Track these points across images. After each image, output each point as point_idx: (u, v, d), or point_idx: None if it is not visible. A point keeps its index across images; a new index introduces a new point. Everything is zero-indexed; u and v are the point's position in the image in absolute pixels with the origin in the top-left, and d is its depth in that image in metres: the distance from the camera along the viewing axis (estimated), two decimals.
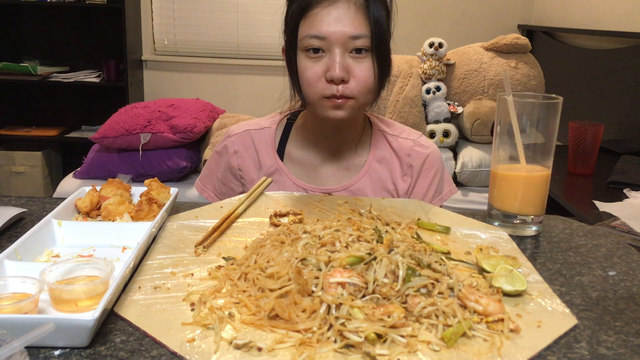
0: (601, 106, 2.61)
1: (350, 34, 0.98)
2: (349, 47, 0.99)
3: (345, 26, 0.98)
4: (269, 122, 1.19)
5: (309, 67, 1.01)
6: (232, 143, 1.17)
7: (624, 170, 1.89)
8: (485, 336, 0.59)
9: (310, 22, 1.00)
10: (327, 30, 0.98)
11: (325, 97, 1.02)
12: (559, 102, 0.88)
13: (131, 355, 0.55)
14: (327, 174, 1.15)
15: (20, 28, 3.67)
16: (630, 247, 0.88)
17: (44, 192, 3.53)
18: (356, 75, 1.00)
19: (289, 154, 1.16)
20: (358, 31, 0.99)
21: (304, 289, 0.62)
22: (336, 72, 0.98)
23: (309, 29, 1.00)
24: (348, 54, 1.00)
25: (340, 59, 0.99)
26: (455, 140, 2.66)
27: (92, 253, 0.77)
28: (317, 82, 1.01)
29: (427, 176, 1.15)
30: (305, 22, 1.01)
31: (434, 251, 0.76)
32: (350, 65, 1.00)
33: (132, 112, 2.59)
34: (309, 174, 1.15)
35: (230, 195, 1.17)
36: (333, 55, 0.99)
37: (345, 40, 0.99)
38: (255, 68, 3.75)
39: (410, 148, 1.15)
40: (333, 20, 0.98)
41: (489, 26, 3.59)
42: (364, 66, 1.01)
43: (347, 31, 0.98)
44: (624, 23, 2.53)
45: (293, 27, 1.03)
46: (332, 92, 1.00)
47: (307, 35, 1.00)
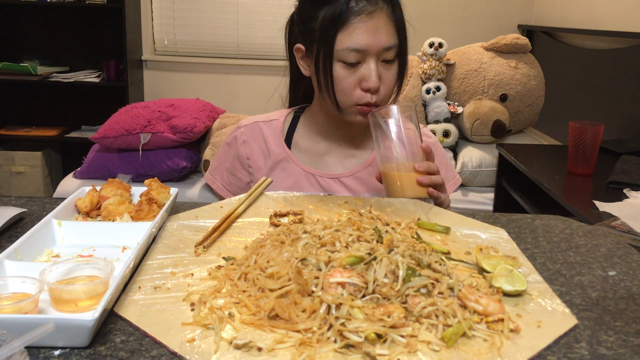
0: (601, 106, 2.61)
1: (385, 45, 1.03)
2: (381, 56, 1.04)
3: (381, 38, 1.02)
4: (277, 115, 1.24)
5: (346, 78, 1.04)
6: (242, 133, 1.21)
7: (624, 170, 1.89)
8: (485, 336, 0.59)
9: (350, 34, 1.02)
10: (366, 43, 1.01)
11: (358, 105, 1.06)
12: None
13: (131, 355, 0.55)
14: (334, 161, 1.18)
15: (20, 28, 3.67)
16: (630, 247, 0.88)
17: (44, 192, 3.53)
18: (385, 83, 1.05)
19: (296, 143, 1.19)
20: (391, 42, 1.03)
21: (304, 289, 0.62)
22: (375, 83, 1.03)
23: (349, 41, 1.02)
24: (380, 62, 1.04)
25: (376, 69, 1.03)
26: (455, 140, 2.66)
27: (92, 253, 0.77)
28: (352, 91, 1.05)
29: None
30: (344, 34, 1.02)
31: (434, 251, 0.76)
32: (382, 73, 1.05)
33: (132, 112, 2.59)
34: (315, 161, 1.18)
35: (238, 186, 1.21)
36: (369, 66, 1.03)
37: (379, 51, 1.03)
38: (255, 68, 3.75)
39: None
40: (371, 33, 1.01)
41: (489, 26, 3.59)
42: (392, 73, 1.06)
43: (382, 43, 1.02)
44: (624, 23, 2.53)
45: (328, 36, 1.03)
46: (367, 101, 1.05)
47: (346, 48, 1.02)
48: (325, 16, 1.03)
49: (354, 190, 1.15)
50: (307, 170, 1.16)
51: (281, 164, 1.17)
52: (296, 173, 1.16)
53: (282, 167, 1.17)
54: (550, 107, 2.86)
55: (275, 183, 1.17)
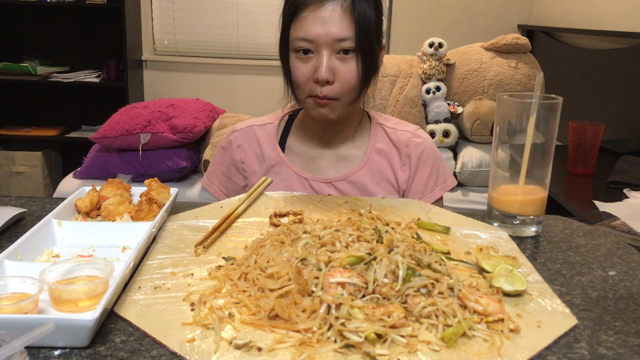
0: (601, 106, 2.60)
1: (336, 36, 1.01)
2: (335, 48, 1.02)
3: (331, 28, 1.01)
4: (272, 118, 1.24)
5: (299, 68, 1.05)
6: (236, 138, 1.21)
7: (624, 170, 1.89)
8: (485, 336, 0.59)
9: (299, 24, 1.03)
10: (314, 32, 1.01)
11: (311, 97, 1.06)
12: (558, 102, 0.88)
13: (131, 355, 0.55)
14: (326, 165, 1.18)
15: (20, 28, 3.67)
16: (630, 247, 0.88)
17: (44, 192, 3.53)
18: (341, 77, 1.04)
19: (289, 147, 1.20)
20: (343, 33, 1.01)
21: (304, 289, 0.62)
22: (322, 74, 1.02)
23: (298, 31, 1.03)
24: (335, 55, 1.03)
25: (327, 60, 1.02)
26: (455, 140, 2.66)
27: (92, 253, 0.77)
28: (306, 83, 1.05)
29: (426, 167, 1.19)
30: (295, 25, 1.04)
31: (434, 251, 0.76)
32: (336, 67, 1.03)
33: (132, 112, 2.59)
34: (308, 165, 1.18)
35: (234, 190, 1.21)
36: (320, 57, 1.03)
37: (331, 42, 1.01)
38: (255, 68, 3.75)
39: (408, 139, 1.19)
40: (320, 23, 1.01)
41: (489, 26, 3.59)
42: (349, 67, 1.04)
43: (333, 33, 1.01)
44: (624, 23, 2.53)
45: (285, 29, 1.07)
46: (317, 93, 1.04)
47: (296, 38, 1.03)
48: (286, 10, 1.06)
49: (347, 194, 1.14)
50: (300, 175, 1.16)
51: (275, 168, 1.17)
52: (290, 177, 1.16)
53: (276, 171, 1.17)
54: None
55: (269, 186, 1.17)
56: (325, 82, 1.03)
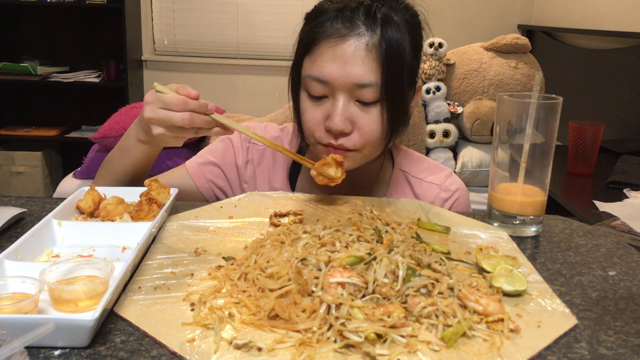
0: (601, 106, 2.61)
1: (357, 81, 0.84)
2: (355, 95, 0.86)
3: (352, 71, 0.84)
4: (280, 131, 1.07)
5: (309, 110, 0.89)
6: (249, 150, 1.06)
7: (624, 170, 1.89)
8: (485, 336, 0.59)
9: (314, 60, 0.86)
10: (329, 73, 0.85)
11: (320, 144, 0.90)
12: (558, 102, 0.88)
13: (131, 355, 0.55)
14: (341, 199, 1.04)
15: (20, 28, 3.67)
16: (630, 247, 0.88)
17: (44, 192, 3.53)
18: (361, 127, 0.87)
19: (300, 187, 1.06)
20: (366, 79, 0.84)
21: (304, 289, 0.62)
22: (336, 124, 0.85)
23: (312, 68, 0.87)
24: (354, 101, 0.87)
25: (343, 108, 0.85)
26: (455, 140, 2.66)
27: (92, 253, 0.77)
28: (316, 127, 0.89)
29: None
30: (309, 59, 0.88)
31: (434, 251, 0.76)
32: (355, 115, 0.86)
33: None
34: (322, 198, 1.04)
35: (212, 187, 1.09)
36: (336, 102, 0.86)
37: (350, 87, 0.85)
38: (255, 68, 3.75)
39: (435, 196, 1.03)
40: (338, 62, 0.84)
41: (489, 26, 3.59)
42: (371, 118, 0.87)
43: (353, 78, 0.84)
44: (624, 23, 2.53)
45: (297, 60, 0.91)
46: (329, 142, 0.88)
47: (309, 76, 0.87)
48: (303, 37, 0.89)
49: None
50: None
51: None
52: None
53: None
54: None
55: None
56: (340, 133, 0.86)
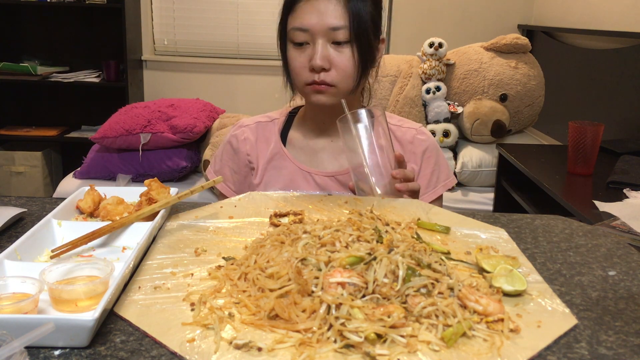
0: (601, 106, 2.60)
1: (330, 26, 1.05)
2: (330, 38, 1.06)
3: (325, 18, 1.05)
4: (277, 114, 1.27)
5: (295, 57, 1.09)
6: (242, 132, 1.24)
7: (624, 170, 1.89)
8: (485, 336, 0.59)
9: (296, 15, 1.08)
10: (308, 22, 1.05)
11: (308, 84, 1.09)
12: None
13: (131, 355, 0.55)
14: (329, 158, 1.20)
15: (20, 28, 3.67)
16: (630, 247, 0.88)
17: (44, 192, 3.53)
18: (337, 65, 1.07)
19: (291, 141, 1.22)
20: (336, 23, 1.05)
21: (304, 289, 0.62)
22: (316, 61, 1.05)
23: (294, 21, 1.08)
24: (330, 44, 1.07)
25: (322, 49, 1.06)
26: (455, 140, 2.66)
27: (92, 253, 0.77)
28: (302, 71, 1.09)
29: (429, 163, 1.22)
30: (292, 15, 1.08)
31: (434, 251, 0.76)
32: (332, 55, 1.07)
33: (132, 112, 2.59)
34: (310, 158, 1.20)
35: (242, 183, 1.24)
36: (315, 46, 1.06)
37: (326, 32, 1.05)
38: (255, 68, 3.75)
39: (412, 137, 1.22)
40: (315, 13, 1.05)
41: (489, 26, 3.58)
42: (344, 55, 1.07)
43: (327, 23, 1.05)
44: (624, 23, 2.53)
45: (282, 20, 1.11)
46: (314, 79, 1.08)
47: (292, 28, 1.08)
48: (284, 2, 1.11)
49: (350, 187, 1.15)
50: (302, 169, 1.18)
51: (278, 162, 1.19)
52: (292, 171, 1.18)
53: (278, 165, 1.19)
54: (550, 107, 2.86)
55: (272, 181, 1.20)
56: (321, 69, 1.07)
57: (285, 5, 1.11)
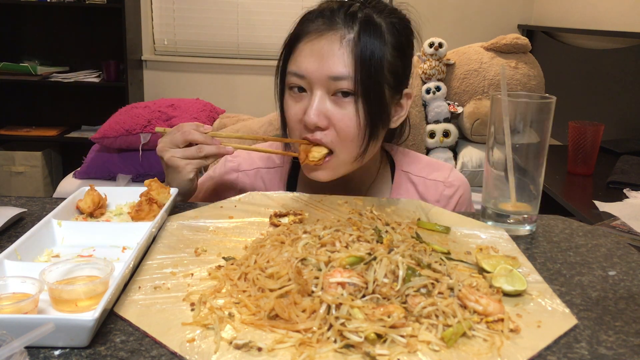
0: (601, 106, 2.60)
1: (330, 74, 0.87)
2: (331, 89, 0.88)
3: (326, 65, 0.87)
4: (280, 159, 1.09)
5: (290, 107, 0.93)
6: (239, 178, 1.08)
7: (624, 170, 1.89)
8: (485, 336, 0.59)
9: (295, 57, 0.91)
10: (305, 67, 0.88)
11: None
12: (552, 101, 0.87)
13: (131, 355, 0.55)
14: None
15: (20, 28, 3.67)
16: (630, 247, 0.88)
17: (44, 192, 3.53)
18: (336, 123, 0.89)
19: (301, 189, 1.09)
20: (340, 72, 0.86)
21: (304, 289, 0.62)
22: (310, 116, 0.88)
23: (292, 65, 0.91)
24: (330, 96, 0.89)
25: (318, 102, 0.88)
26: (455, 140, 2.66)
27: (92, 253, 0.77)
28: (296, 124, 0.93)
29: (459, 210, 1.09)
30: (291, 57, 0.92)
31: (434, 251, 0.76)
32: (330, 111, 0.89)
33: (132, 112, 2.59)
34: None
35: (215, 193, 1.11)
36: (313, 97, 0.89)
37: (325, 81, 0.88)
38: (255, 68, 3.75)
39: (440, 194, 1.06)
40: (315, 57, 0.88)
41: (489, 26, 3.59)
42: (346, 113, 0.89)
43: (327, 70, 0.87)
44: (624, 23, 2.53)
45: (281, 59, 0.95)
46: (306, 136, 0.90)
47: (289, 72, 0.92)
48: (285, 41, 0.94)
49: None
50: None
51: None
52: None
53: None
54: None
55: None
56: (316, 128, 0.89)
57: (286, 44, 0.94)
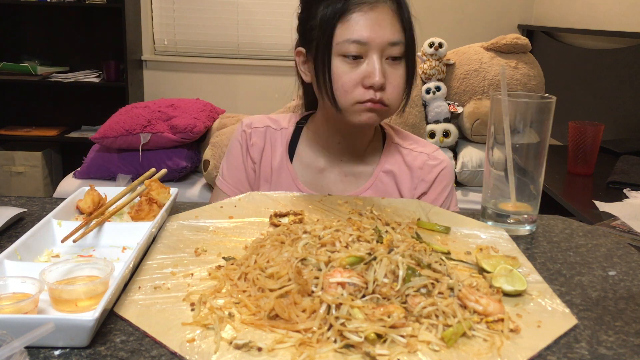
0: (601, 106, 2.61)
1: (390, 40, 0.98)
2: (386, 53, 0.99)
3: (385, 32, 0.97)
4: (286, 121, 1.19)
5: (346, 73, 0.99)
6: (251, 135, 1.17)
7: (624, 170, 1.89)
8: (485, 336, 0.59)
9: (350, 26, 0.98)
10: (368, 35, 0.97)
11: (359, 103, 1.00)
12: (552, 101, 0.88)
13: (131, 355, 0.55)
14: (334, 179, 1.14)
15: (20, 28, 3.67)
16: (630, 247, 0.88)
17: (44, 192, 3.53)
18: (392, 82, 1.01)
19: (298, 156, 1.16)
20: (396, 37, 0.99)
21: (304, 289, 0.62)
22: (377, 78, 0.97)
23: (349, 33, 0.98)
24: (385, 59, 1.00)
25: (380, 65, 0.98)
26: (455, 140, 2.66)
27: (92, 253, 0.77)
28: (354, 89, 1.00)
29: (436, 189, 1.14)
30: (344, 26, 0.98)
31: (434, 251, 0.76)
32: (387, 71, 1.00)
33: (132, 112, 2.59)
34: (314, 177, 1.14)
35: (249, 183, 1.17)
36: (372, 61, 0.98)
37: (384, 46, 0.98)
38: (255, 68, 3.75)
39: (423, 162, 1.14)
40: (374, 25, 0.97)
41: (489, 26, 3.58)
42: (399, 73, 1.01)
43: (387, 37, 0.98)
44: (624, 23, 2.53)
45: (328, 31, 0.99)
46: (371, 97, 0.99)
47: (346, 40, 0.98)
48: (325, 11, 1.00)
49: None
50: (302, 190, 1.12)
51: (279, 179, 1.14)
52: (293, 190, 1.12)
53: (279, 182, 1.14)
54: None
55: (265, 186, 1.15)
56: (380, 88, 0.99)
57: (332, 14, 0.99)
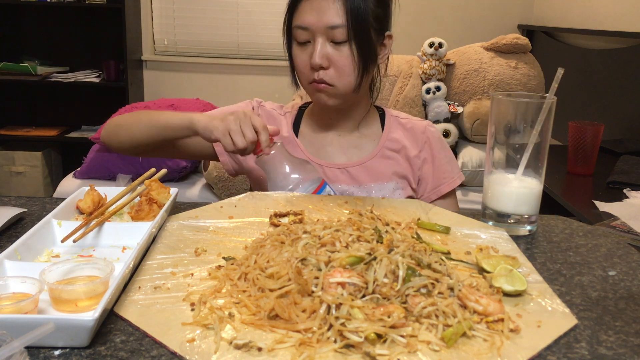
0: (601, 106, 2.60)
1: (328, 24, 1.06)
2: (329, 36, 1.07)
3: (324, 17, 1.06)
4: (290, 107, 1.30)
5: (298, 55, 1.12)
6: (259, 110, 1.27)
7: (624, 170, 1.89)
8: (485, 336, 0.59)
9: (298, 13, 1.10)
10: (308, 21, 1.07)
11: (310, 83, 1.12)
12: (552, 101, 0.88)
13: (131, 355, 0.55)
14: (337, 152, 1.22)
15: (20, 28, 3.67)
16: (630, 247, 0.88)
17: (44, 192, 3.53)
18: (335, 63, 1.08)
19: (302, 133, 1.25)
20: (335, 21, 1.06)
21: (304, 289, 0.62)
22: (315, 59, 1.07)
23: (296, 20, 1.10)
24: (329, 42, 1.08)
25: (321, 47, 1.07)
26: (455, 140, 2.66)
27: (92, 253, 0.77)
28: (304, 69, 1.11)
29: (445, 153, 1.24)
30: (296, 14, 1.11)
31: (434, 251, 0.76)
32: (331, 54, 1.08)
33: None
34: (319, 151, 1.22)
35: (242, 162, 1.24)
36: (315, 44, 1.08)
37: (324, 30, 1.06)
38: (255, 68, 3.75)
39: (424, 127, 1.24)
40: (314, 11, 1.07)
41: (489, 26, 3.58)
42: (343, 55, 1.08)
43: (325, 21, 1.06)
44: (624, 23, 2.53)
45: (287, 18, 1.13)
46: (313, 78, 1.10)
47: (295, 26, 1.10)
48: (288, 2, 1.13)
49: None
50: (313, 160, 1.19)
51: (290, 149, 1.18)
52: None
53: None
54: None
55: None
56: (320, 68, 1.08)
57: (289, 3, 1.13)
